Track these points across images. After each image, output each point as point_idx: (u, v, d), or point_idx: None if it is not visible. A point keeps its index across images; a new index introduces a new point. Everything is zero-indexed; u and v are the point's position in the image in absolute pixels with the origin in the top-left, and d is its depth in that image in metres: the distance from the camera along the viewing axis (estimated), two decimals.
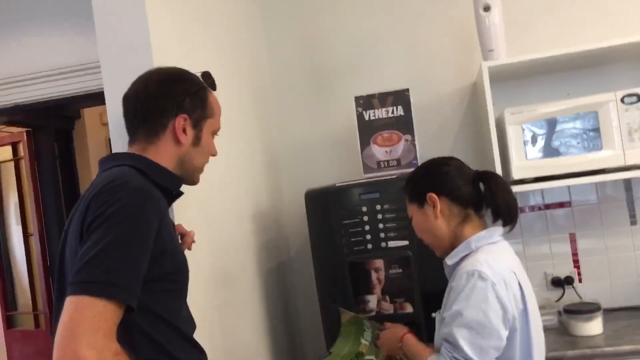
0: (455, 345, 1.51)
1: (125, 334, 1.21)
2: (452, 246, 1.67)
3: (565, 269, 2.68)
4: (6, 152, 4.34)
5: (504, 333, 1.52)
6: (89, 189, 1.36)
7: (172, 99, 1.44)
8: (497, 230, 1.67)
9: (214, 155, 1.58)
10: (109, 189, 1.26)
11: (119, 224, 1.21)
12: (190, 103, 1.46)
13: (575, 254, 2.69)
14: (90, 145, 4.64)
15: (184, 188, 1.54)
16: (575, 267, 2.68)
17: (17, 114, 3.45)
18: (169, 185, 1.45)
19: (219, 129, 1.56)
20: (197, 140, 1.48)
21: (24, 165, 4.16)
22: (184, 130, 1.45)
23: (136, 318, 1.24)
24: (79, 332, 1.12)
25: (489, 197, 1.64)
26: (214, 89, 1.57)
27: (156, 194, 1.32)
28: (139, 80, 1.48)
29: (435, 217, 1.67)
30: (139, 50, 1.75)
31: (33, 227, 4.10)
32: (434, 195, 1.66)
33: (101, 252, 1.17)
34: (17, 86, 3.01)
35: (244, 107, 2.54)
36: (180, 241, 1.65)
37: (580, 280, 2.67)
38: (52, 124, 4.23)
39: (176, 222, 1.74)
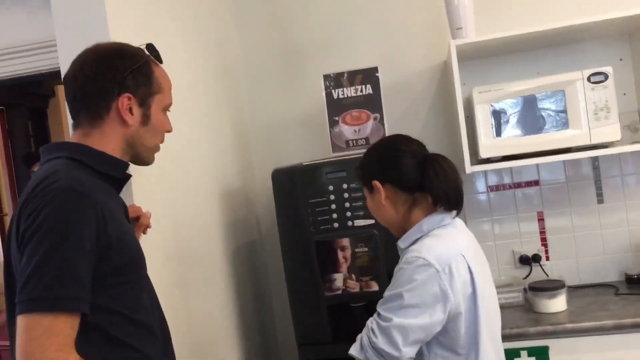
0: (384, 318, 1.52)
1: (85, 337, 1.20)
2: (404, 229, 1.67)
3: (533, 247, 2.71)
4: None
5: (441, 317, 1.51)
6: (27, 185, 1.31)
7: (112, 78, 1.36)
8: (449, 214, 1.65)
9: (168, 131, 1.52)
10: (38, 192, 1.21)
11: (49, 232, 1.17)
12: (133, 80, 1.38)
13: (542, 232, 2.71)
14: (65, 123, 4.58)
15: (141, 168, 1.52)
16: (542, 245, 2.71)
17: None
18: (112, 171, 1.39)
19: (170, 104, 1.49)
20: (145, 119, 1.42)
21: None
22: (130, 110, 1.39)
23: (92, 318, 1.22)
24: (30, 353, 1.12)
25: (427, 183, 1.59)
26: (160, 62, 1.50)
27: (93, 189, 1.26)
28: (76, 60, 1.41)
29: (384, 205, 1.66)
30: (95, 26, 1.72)
31: (8, 206, 4.07)
32: (378, 183, 1.65)
33: (38, 266, 1.15)
34: None
35: (210, 83, 2.52)
36: (132, 224, 1.61)
37: (547, 259, 2.70)
38: (25, 102, 4.18)
39: (135, 200, 1.73)
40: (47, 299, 1.14)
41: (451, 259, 1.53)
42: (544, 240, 2.71)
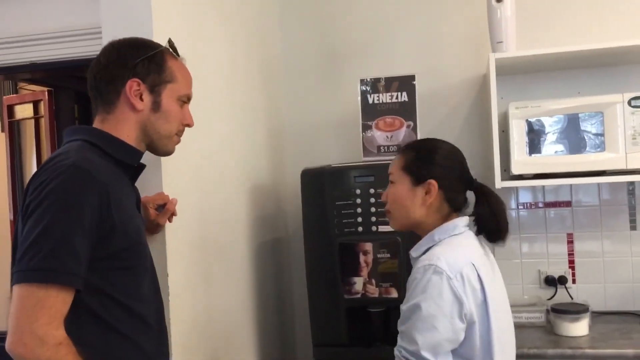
0: (410, 339, 1.51)
1: (73, 315, 1.23)
2: (412, 228, 1.68)
3: (559, 269, 2.67)
4: (27, 110, 4.42)
5: (460, 326, 1.51)
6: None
7: (123, 65, 1.41)
8: (462, 221, 1.65)
9: (187, 125, 1.54)
10: (47, 168, 1.27)
11: (51, 206, 1.21)
12: (143, 67, 1.43)
13: (571, 254, 2.67)
14: None
15: (179, 156, 1.55)
16: (570, 267, 2.67)
17: (38, 72, 3.51)
18: (126, 158, 1.43)
19: (186, 95, 1.52)
20: (156, 106, 1.45)
21: (44, 124, 4.24)
22: (140, 97, 1.42)
23: (84, 298, 1.25)
24: (21, 323, 1.16)
25: (486, 214, 1.63)
26: (177, 54, 1.53)
27: (101, 170, 1.30)
28: (99, 53, 1.47)
29: (421, 203, 1.64)
30: (140, 16, 1.77)
31: None
32: (436, 186, 1.63)
33: (38, 238, 1.18)
34: (35, 44, 3.06)
35: (249, 81, 2.56)
36: (158, 212, 1.66)
37: (574, 281, 2.66)
38: (73, 85, 4.30)
39: (164, 189, 1.77)
40: (43, 270, 1.18)
41: (462, 266, 1.53)
42: (571, 263, 2.67)
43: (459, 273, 1.51)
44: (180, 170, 1.88)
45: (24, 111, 4.44)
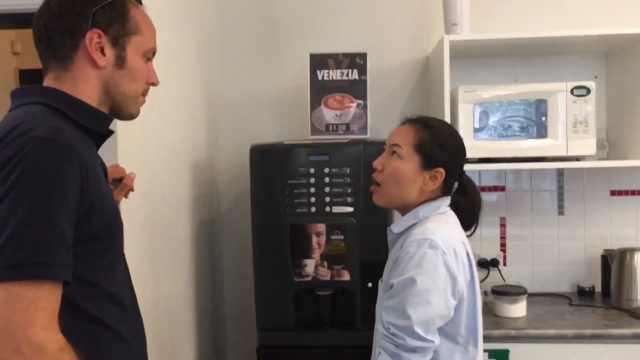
0: (401, 314, 1.47)
1: None
2: (397, 207, 1.66)
3: (492, 252, 2.73)
4: None
5: (452, 303, 1.51)
6: None
7: (79, 12, 1.19)
8: (445, 201, 1.65)
9: (153, 83, 1.34)
10: (10, 141, 1.05)
11: (31, 188, 1.01)
12: (103, 16, 1.21)
13: (503, 238, 2.74)
14: None
15: (124, 124, 1.36)
16: (501, 250, 2.74)
17: None
18: (93, 125, 1.23)
19: (152, 49, 1.31)
20: (120, 62, 1.24)
21: None
22: (102, 51, 1.21)
23: (64, 289, 1.06)
24: (14, 329, 0.97)
25: (465, 202, 1.66)
26: (139, 3, 1.32)
27: (74, 140, 1.11)
28: None
29: (421, 188, 1.60)
30: None
31: None
32: (443, 174, 1.60)
33: (19, 227, 0.99)
34: None
35: (187, 50, 2.38)
36: (114, 187, 1.46)
37: (505, 264, 2.73)
38: None
39: (119, 160, 1.59)
40: (32, 265, 0.99)
41: (454, 243, 1.53)
42: (503, 246, 2.74)
43: (452, 249, 1.50)
44: (132, 142, 1.70)
45: None
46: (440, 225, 1.55)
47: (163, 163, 2.02)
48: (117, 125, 1.51)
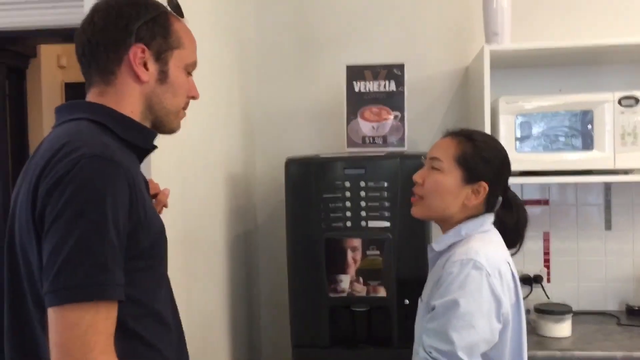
0: (444, 338, 1.41)
1: None
2: (437, 221, 1.60)
3: (535, 267, 2.64)
4: None
5: (497, 327, 1.44)
6: (40, 149, 1.14)
7: (123, 27, 1.19)
8: (489, 218, 1.59)
9: (194, 97, 1.33)
10: (61, 158, 1.04)
11: (83, 208, 1.01)
12: (147, 31, 1.20)
13: (547, 253, 2.65)
14: (44, 87, 4.34)
15: (158, 139, 1.35)
16: (545, 266, 2.64)
17: None
18: (139, 141, 1.22)
19: (193, 63, 1.31)
20: (163, 76, 1.23)
21: None
22: (145, 65, 1.21)
23: None
24: (72, 352, 0.97)
25: (509, 219, 1.60)
26: (181, 16, 1.31)
27: (121, 157, 1.10)
28: (89, 13, 1.24)
29: (464, 202, 1.54)
30: None
31: None
32: (487, 189, 1.54)
33: (75, 249, 0.99)
34: None
35: (225, 65, 2.37)
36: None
37: (549, 280, 2.64)
38: (4, 59, 3.92)
39: (153, 176, 1.58)
40: (89, 286, 0.99)
41: (499, 264, 1.46)
42: (547, 262, 2.65)
43: (497, 270, 1.43)
44: (167, 157, 1.69)
45: None
46: (484, 244, 1.49)
47: (198, 177, 2.01)
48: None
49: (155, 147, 1.30)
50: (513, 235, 1.61)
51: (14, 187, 1.20)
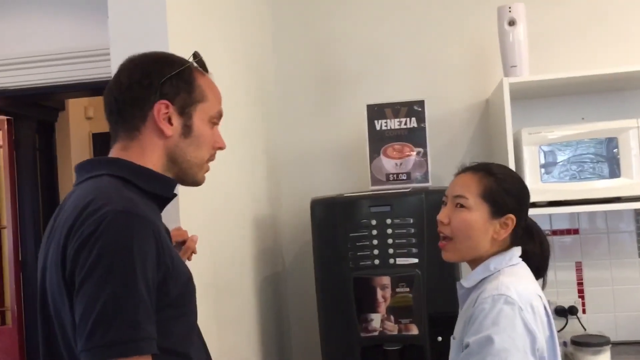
0: None
1: None
2: (469, 261, 1.57)
3: (569, 299, 2.59)
4: None
5: None
6: (65, 207, 1.17)
7: (148, 85, 1.22)
8: (517, 251, 1.57)
9: (220, 147, 1.34)
10: (89, 216, 1.07)
11: (113, 265, 1.03)
12: (171, 87, 1.23)
13: (580, 283, 2.60)
14: (72, 139, 4.46)
15: (188, 189, 1.38)
16: (579, 296, 2.59)
17: None
18: (159, 190, 1.24)
19: (218, 113, 1.32)
20: (186, 130, 1.25)
21: (3, 154, 3.95)
22: (169, 120, 1.23)
23: None
24: None
25: (533, 247, 1.59)
26: (205, 70, 1.34)
27: (145, 209, 1.13)
28: (116, 71, 1.28)
29: (493, 237, 1.52)
30: (155, 39, 1.61)
31: (7, 219, 3.89)
32: (514, 221, 1.52)
33: (108, 306, 1.01)
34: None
35: (249, 108, 2.41)
36: (177, 250, 1.45)
37: (584, 311, 2.58)
38: (34, 114, 4.04)
39: (181, 223, 1.60)
40: (123, 343, 1.00)
41: (531, 298, 1.43)
42: (581, 292, 2.60)
43: (529, 304, 1.41)
44: (194, 204, 1.72)
45: None
46: (515, 279, 1.47)
47: (225, 221, 2.03)
48: (179, 187, 1.53)
49: (175, 195, 1.32)
50: (539, 263, 1.60)
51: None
